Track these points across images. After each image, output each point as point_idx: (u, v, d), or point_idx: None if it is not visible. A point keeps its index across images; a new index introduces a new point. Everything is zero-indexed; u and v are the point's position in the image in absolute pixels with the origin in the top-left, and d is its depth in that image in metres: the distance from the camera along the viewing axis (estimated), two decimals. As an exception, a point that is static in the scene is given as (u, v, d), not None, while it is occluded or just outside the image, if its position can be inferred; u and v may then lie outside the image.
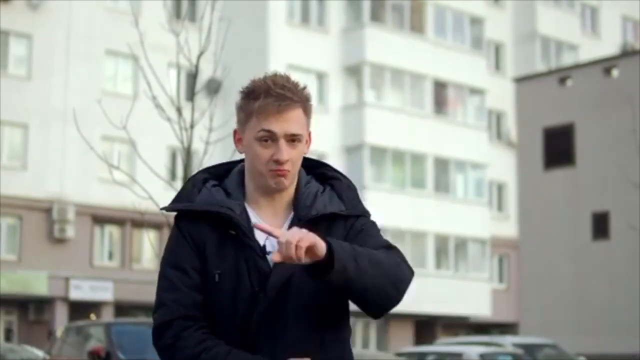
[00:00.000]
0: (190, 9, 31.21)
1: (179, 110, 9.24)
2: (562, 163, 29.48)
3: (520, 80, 32.65)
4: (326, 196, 2.76)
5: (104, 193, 31.52)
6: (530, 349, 19.62)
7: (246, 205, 2.73)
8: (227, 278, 2.67)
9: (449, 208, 37.74)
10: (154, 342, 2.72)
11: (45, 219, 31.74)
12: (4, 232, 31.52)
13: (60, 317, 30.57)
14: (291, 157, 2.67)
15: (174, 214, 2.77)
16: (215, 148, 9.47)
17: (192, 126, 9.28)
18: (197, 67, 9.38)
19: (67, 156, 31.80)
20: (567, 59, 43.29)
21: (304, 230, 2.47)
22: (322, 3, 37.42)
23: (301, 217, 2.70)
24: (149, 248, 33.04)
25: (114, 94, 30.84)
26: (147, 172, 9.59)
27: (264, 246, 2.68)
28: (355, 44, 36.85)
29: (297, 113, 2.69)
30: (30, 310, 31.79)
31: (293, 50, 35.85)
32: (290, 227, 2.68)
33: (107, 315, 30.87)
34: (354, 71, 37.13)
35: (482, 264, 39.51)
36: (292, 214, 2.74)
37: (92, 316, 29.32)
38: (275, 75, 2.73)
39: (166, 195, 9.92)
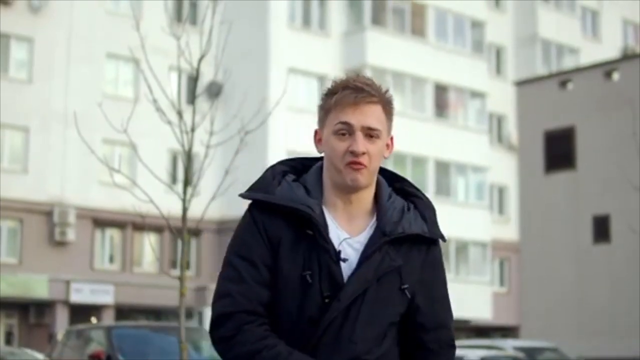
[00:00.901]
0: (191, 12, 31.27)
1: (179, 114, 9.21)
2: (563, 166, 29.47)
3: (521, 84, 32.64)
4: (412, 215, 2.72)
5: (104, 196, 31.52)
6: (531, 352, 19.64)
7: (322, 206, 2.67)
8: (299, 279, 2.62)
9: (450, 211, 37.69)
10: (211, 331, 2.66)
11: (46, 222, 31.74)
12: (4, 235, 31.51)
13: (61, 321, 30.54)
14: (368, 150, 2.62)
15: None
16: (216, 151, 9.46)
17: (193, 129, 9.25)
18: (198, 70, 9.36)
19: (68, 159, 31.80)
20: (568, 62, 43.29)
21: None
22: (323, 6, 37.43)
23: (386, 232, 2.65)
24: (150, 251, 33.04)
25: (115, 97, 30.83)
26: (148, 175, 9.57)
27: (339, 252, 2.63)
28: (356, 47, 36.84)
29: (375, 108, 2.66)
30: (30, 314, 31.76)
31: (294, 54, 35.83)
32: (372, 237, 2.65)
33: (108, 319, 30.83)
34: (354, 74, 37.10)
35: (483, 267, 39.48)
36: (373, 222, 2.69)
37: (93, 319, 29.28)
38: (357, 75, 2.73)
39: (167, 198, 9.97)
